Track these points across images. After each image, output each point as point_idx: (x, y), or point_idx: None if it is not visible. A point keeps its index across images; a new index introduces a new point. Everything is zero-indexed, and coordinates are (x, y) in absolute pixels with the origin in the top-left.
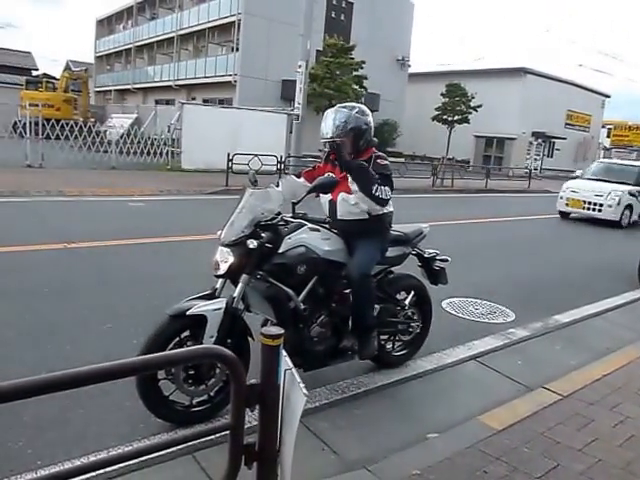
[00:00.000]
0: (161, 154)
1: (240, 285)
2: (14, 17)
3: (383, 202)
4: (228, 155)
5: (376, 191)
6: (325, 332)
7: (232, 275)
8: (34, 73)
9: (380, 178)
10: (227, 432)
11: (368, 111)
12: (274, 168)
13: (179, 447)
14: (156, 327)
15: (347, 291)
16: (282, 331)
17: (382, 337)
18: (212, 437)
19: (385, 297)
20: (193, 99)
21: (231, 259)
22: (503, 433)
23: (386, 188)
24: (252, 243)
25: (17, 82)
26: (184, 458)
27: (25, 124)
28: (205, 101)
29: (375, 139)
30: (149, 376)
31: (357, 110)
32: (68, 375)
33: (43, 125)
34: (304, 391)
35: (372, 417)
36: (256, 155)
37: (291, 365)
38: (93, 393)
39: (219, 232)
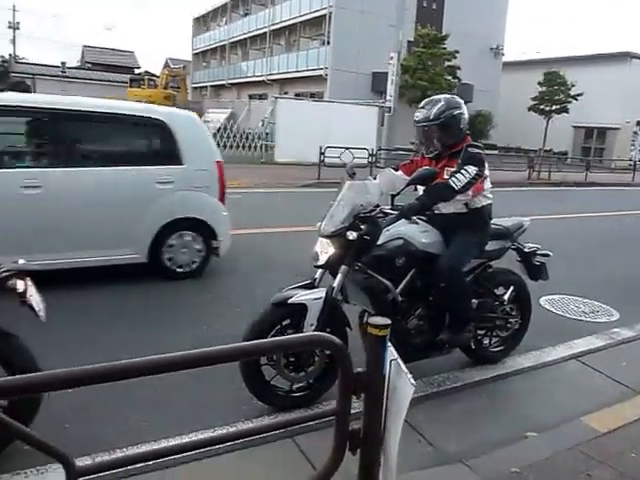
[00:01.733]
0: (255, 148)
1: (339, 276)
2: (118, 18)
3: (465, 187)
4: (320, 148)
5: (455, 185)
6: (422, 325)
7: (331, 266)
8: (136, 71)
9: (462, 163)
10: (327, 419)
11: (462, 102)
12: (365, 161)
13: (281, 430)
14: (259, 314)
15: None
16: (388, 322)
17: (479, 332)
18: (312, 423)
19: (483, 292)
20: (285, 93)
21: (330, 250)
22: (608, 436)
23: (466, 171)
24: (351, 235)
25: (122, 80)
26: (284, 441)
27: None
28: (297, 95)
29: (468, 130)
30: (253, 361)
31: (450, 101)
32: (190, 355)
33: None
34: (412, 381)
35: (469, 412)
36: (347, 148)
37: (396, 355)
38: (202, 375)
39: (318, 224)
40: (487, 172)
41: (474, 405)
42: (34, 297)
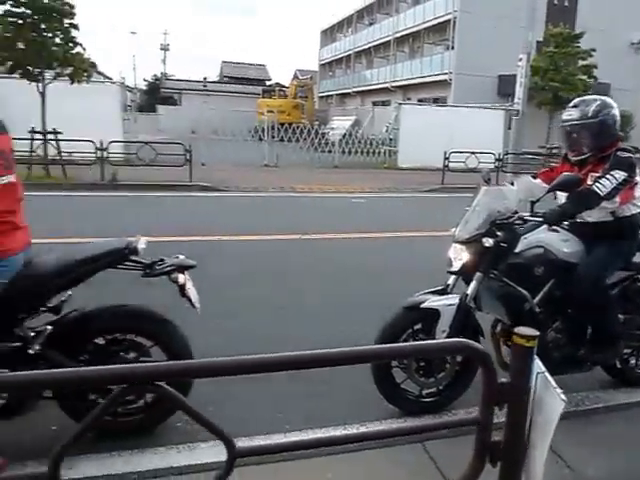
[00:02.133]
0: (379, 153)
1: (474, 283)
2: (253, 34)
3: (611, 193)
4: (444, 153)
5: (600, 190)
6: (561, 338)
7: (465, 272)
8: (268, 83)
9: (610, 168)
10: (459, 427)
11: (613, 104)
12: (492, 165)
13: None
14: (391, 318)
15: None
16: (537, 333)
17: (626, 350)
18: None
19: (632, 307)
20: (408, 99)
21: (465, 256)
22: None
23: (612, 176)
24: (488, 241)
25: (255, 92)
26: (413, 446)
27: (264, 129)
28: (420, 101)
29: (621, 133)
30: (385, 363)
31: (605, 100)
32: (330, 354)
33: (278, 129)
34: (562, 397)
35: (610, 437)
36: (473, 153)
37: (543, 369)
38: (335, 374)
39: (453, 229)
40: (639, 178)
41: (616, 430)
42: (191, 290)
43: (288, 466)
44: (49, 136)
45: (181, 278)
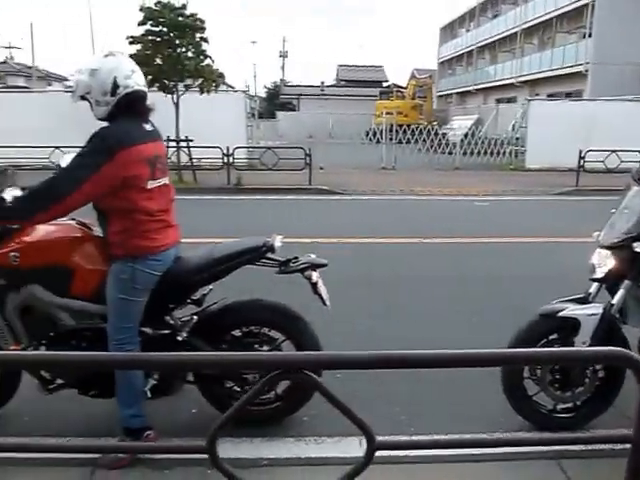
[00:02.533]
0: (504, 154)
1: (621, 292)
2: (370, 36)
3: None
4: (580, 152)
5: None
6: None
7: (610, 280)
8: (385, 84)
9: None
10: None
11: None
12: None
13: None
14: (526, 324)
15: None
16: None
17: None
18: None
19: None
20: (536, 95)
21: (611, 263)
22: None
23: None
24: (639, 247)
25: (372, 94)
26: (547, 462)
27: (382, 131)
28: (549, 96)
29: None
30: (515, 373)
31: None
32: (457, 355)
33: (396, 131)
34: None
35: None
36: (614, 151)
37: None
38: (457, 377)
39: (596, 233)
40: None
41: None
42: (322, 288)
43: (417, 468)
44: (182, 144)
45: (314, 276)
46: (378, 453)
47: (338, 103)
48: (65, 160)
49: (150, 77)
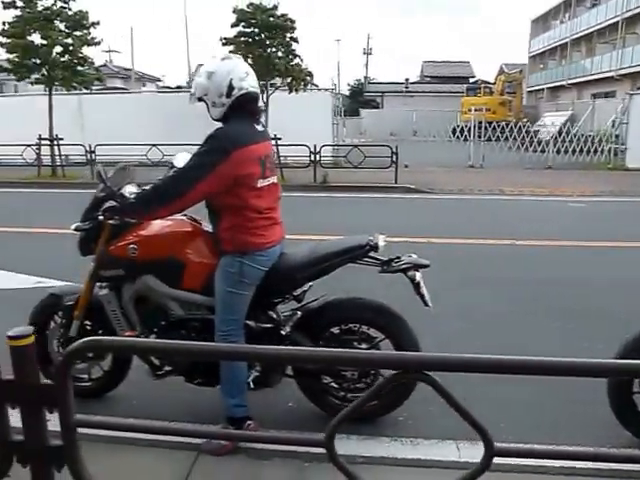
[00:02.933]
0: (601, 152)
1: None
2: (456, 30)
3: None
4: None
5: None
6: None
7: None
8: (471, 80)
9: None
10: None
11: None
12: None
13: None
14: (638, 334)
15: None
16: None
17: None
18: None
19: None
20: (638, 89)
21: None
22: None
23: None
24: None
25: (457, 90)
26: None
27: (470, 128)
28: None
29: None
30: (624, 385)
31: None
32: (562, 363)
33: (485, 128)
34: None
35: None
36: None
37: None
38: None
39: None
40: None
41: None
42: (424, 288)
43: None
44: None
45: (418, 276)
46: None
47: (422, 100)
48: (178, 159)
49: None
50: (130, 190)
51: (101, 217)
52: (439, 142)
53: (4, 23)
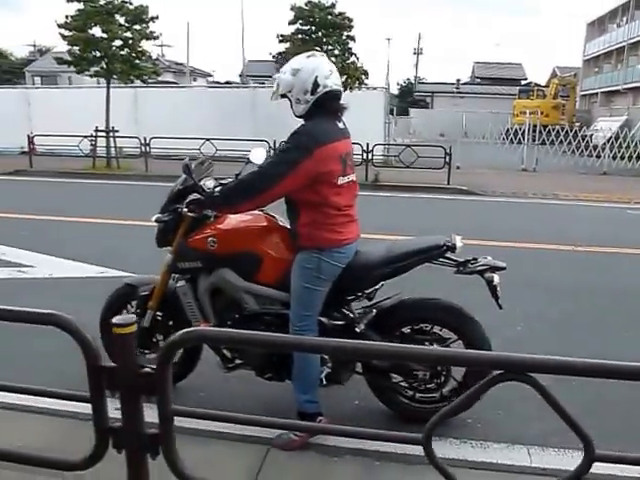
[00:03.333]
0: None
1: None
2: (508, 32)
3: None
4: None
5: None
6: None
7: None
8: (522, 82)
9: None
10: None
11: None
12: None
13: None
14: None
15: None
16: None
17: None
18: None
19: None
20: None
21: None
22: None
23: None
24: None
25: (509, 92)
26: None
27: (524, 131)
28: None
29: None
30: None
31: None
32: None
33: (540, 131)
34: None
35: None
36: None
37: None
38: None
39: None
40: None
41: None
42: (500, 290)
43: None
44: None
45: (496, 278)
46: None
47: (473, 101)
48: (254, 154)
49: None
50: (208, 184)
51: (185, 209)
52: (489, 144)
53: (67, 16)
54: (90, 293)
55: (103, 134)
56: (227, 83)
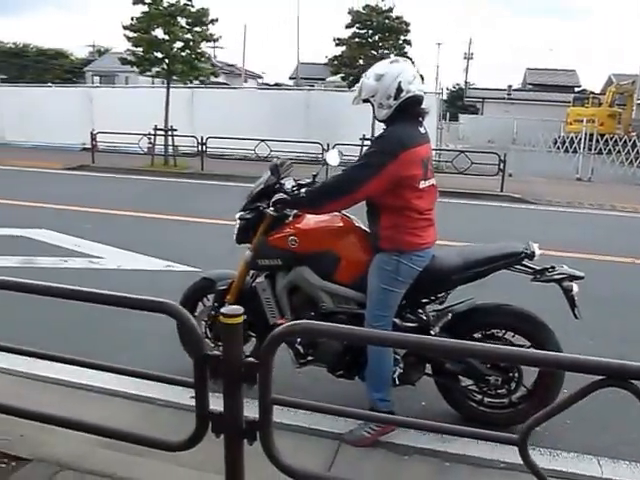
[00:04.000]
0: None
1: None
2: (562, 37)
3: None
4: None
5: None
6: None
7: None
8: (576, 90)
9: None
10: None
11: None
12: None
13: None
14: None
15: None
16: None
17: None
18: None
19: None
20: None
21: None
22: None
23: None
24: None
25: (562, 100)
26: None
27: (580, 139)
28: None
29: None
30: None
31: None
32: None
33: (597, 140)
34: None
35: None
36: None
37: None
38: None
39: None
40: None
41: None
42: (577, 300)
43: None
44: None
45: (575, 288)
46: None
47: (524, 108)
48: (329, 156)
49: (352, 78)
50: (287, 184)
51: (271, 208)
52: (540, 152)
53: (132, 18)
54: (158, 285)
55: (162, 133)
56: (277, 85)
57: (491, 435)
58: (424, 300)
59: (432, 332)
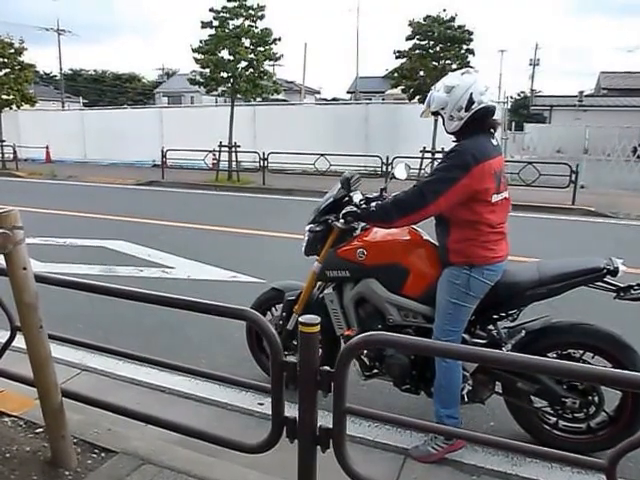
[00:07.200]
0: None
1: None
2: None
3: None
4: None
5: None
6: None
7: None
8: None
9: None
10: None
11: None
12: None
13: None
14: None
15: None
16: None
17: None
18: None
19: None
20: None
21: None
22: None
23: None
24: None
25: (639, 105)
26: None
27: None
28: None
29: None
30: None
31: None
32: None
33: None
34: None
35: None
36: None
37: None
38: None
39: None
40: None
41: None
42: None
43: None
44: (437, 155)
45: None
46: None
47: (598, 114)
48: (397, 170)
49: (412, 90)
50: (355, 197)
51: (341, 221)
52: (617, 162)
53: (201, 41)
54: (225, 294)
55: (226, 149)
56: (334, 100)
57: (575, 459)
58: (495, 316)
59: (503, 349)
